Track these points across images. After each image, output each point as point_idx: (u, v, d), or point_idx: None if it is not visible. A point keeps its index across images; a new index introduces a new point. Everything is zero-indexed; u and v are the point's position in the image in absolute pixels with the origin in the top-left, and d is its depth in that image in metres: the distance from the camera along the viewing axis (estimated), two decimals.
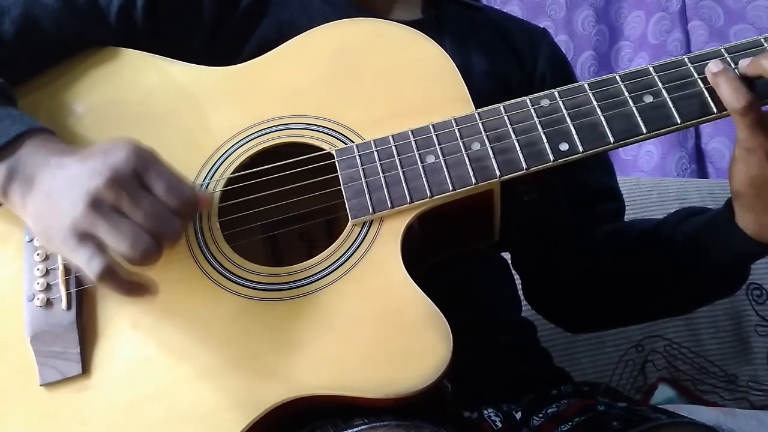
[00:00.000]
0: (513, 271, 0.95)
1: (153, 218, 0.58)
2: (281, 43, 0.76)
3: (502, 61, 0.89)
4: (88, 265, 0.58)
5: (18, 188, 0.63)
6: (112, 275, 0.58)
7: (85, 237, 0.58)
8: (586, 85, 0.68)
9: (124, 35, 0.77)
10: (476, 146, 0.67)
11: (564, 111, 0.67)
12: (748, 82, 0.64)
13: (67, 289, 0.66)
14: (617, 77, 0.68)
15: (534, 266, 0.93)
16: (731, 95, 0.64)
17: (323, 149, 0.70)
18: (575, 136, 0.66)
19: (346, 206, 0.66)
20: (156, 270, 0.62)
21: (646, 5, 1.84)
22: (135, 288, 0.60)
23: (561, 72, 0.92)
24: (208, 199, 0.65)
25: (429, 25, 0.87)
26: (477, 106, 0.69)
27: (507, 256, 0.95)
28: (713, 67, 0.66)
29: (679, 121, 0.66)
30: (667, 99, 0.66)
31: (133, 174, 0.59)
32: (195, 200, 0.61)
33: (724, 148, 1.73)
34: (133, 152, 0.60)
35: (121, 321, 0.66)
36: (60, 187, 0.60)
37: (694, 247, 0.75)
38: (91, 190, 0.58)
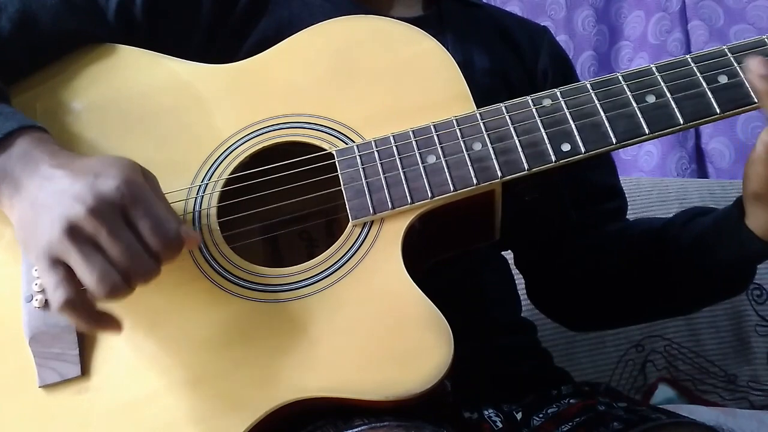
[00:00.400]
0: (514, 271, 0.95)
1: (128, 257, 0.57)
2: (280, 41, 0.75)
3: (504, 57, 0.88)
4: (53, 293, 0.57)
5: (6, 189, 0.62)
6: (73, 307, 0.57)
7: (56, 263, 0.57)
8: (588, 85, 0.68)
9: (122, 32, 0.77)
10: (477, 146, 0.67)
11: (566, 111, 0.67)
12: None
13: None
14: (620, 77, 0.68)
15: (536, 265, 0.93)
16: None
17: (323, 149, 0.69)
18: (577, 137, 0.66)
19: (347, 207, 0.66)
20: None
21: (646, 5, 1.84)
22: (96, 324, 0.59)
23: (562, 69, 0.92)
24: (195, 239, 0.62)
25: (430, 22, 0.86)
26: (478, 103, 0.69)
27: (507, 255, 0.95)
28: (760, 68, 0.63)
29: (681, 121, 0.65)
30: (670, 99, 0.66)
31: (118, 207, 0.57)
32: (179, 242, 0.59)
33: (724, 148, 1.73)
34: (125, 183, 0.58)
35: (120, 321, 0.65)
36: (43, 201, 0.59)
37: (700, 247, 0.75)
38: (71, 216, 0.56)
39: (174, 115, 0.73)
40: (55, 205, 0.58)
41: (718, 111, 0.65)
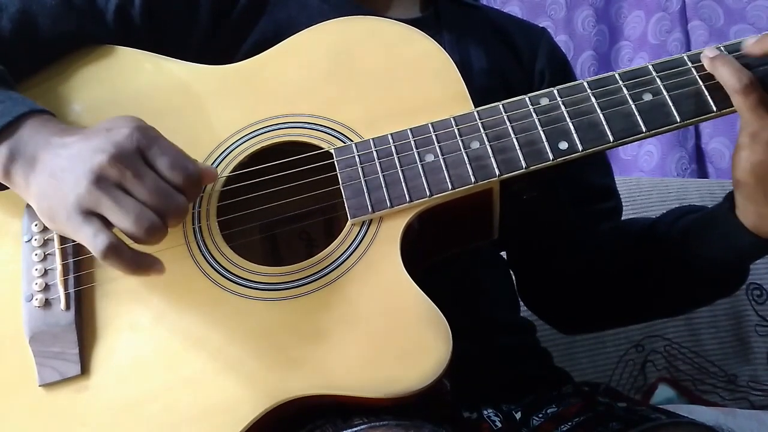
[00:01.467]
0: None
1: (157, 195, 0.58)
2: (279, 42, 0.76)
3: (501, 58, 0.89)
4: (93, 242, 0.58)
5: (20, 169, 0.63)
6: (116, 252, 0.58)
7: (90, 214, 0.58)
8: (585, 84, 0.68)
9: (121, 33, 0.77)
10: (475, 145, 0.67)
11: (563, 110, 0.67)
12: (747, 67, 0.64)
13: (66, 289, 0.66)
14: (616, 76, 0.68)
15: (531, 264, 0.93)
16: (732, 75, 0.63)
17: (322, 148, 0.69)
18: (575, 135, 0.66)
19: (345, 205, 0.66)
20: None
21: (646, 5, 1.84)
22: (140, 264, 0.60)
23: (560, 70, 0.92)
24: (213, 173, 0.65)
25: (427, 22, 0.87)
26: (476, 103, 0.69)
27: (505, 255, 0.95)
28: (709, 52, 0.66)
29: (678, 119, 0.66)
30: (667, 97, 0.66)
31: (136, 151, 0.59)
32: (199, 175, 0.61)
33: (724, 148, 1.73)
34: (137, 129, 0.60)
35: (120, 321, 0.66)
36: (63, 166, 0.60)
37: (691, 243, 0.74)
38: (94, 168, 0.58)
39: (173, 115, 0.73)
40: (76, 164, 0.59)
41: (714, 109, 0.65)
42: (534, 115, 0.67)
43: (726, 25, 1.75)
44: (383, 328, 0.62)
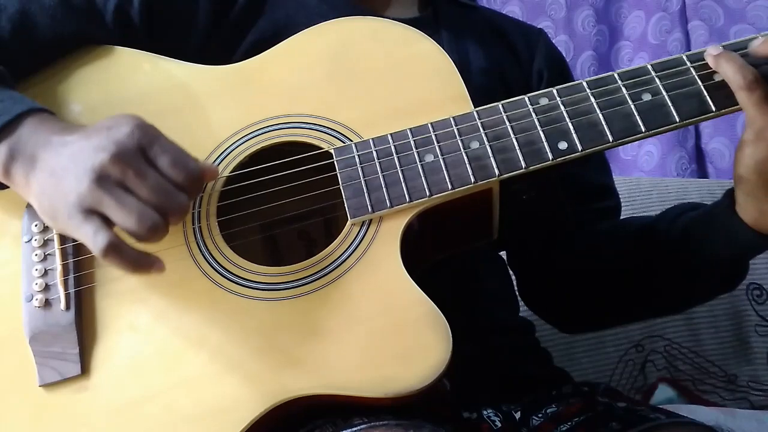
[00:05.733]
0: (510, 270, 0.95)
1: (159, 193, 0.58)
2: (277, 42, 0.76)
3: (500, 57, 0.89)
4: (93, 240, 0.58)
5: (21, 167, 0.63)
6: (116, 250, 0.58)
7: (91, 213, 0.58)
8: (584, 84, 0.68)
9: (120, 33, 0.77)
10: (475, 145, 0.67)
11: (563, 109, 0.67)
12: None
13: (66, 289, 0.66)
14: (616, 76, 0.68)
15: (531, 264, 0.93)
16: (736, 72, 0.63)
17: (322, 148, 0.69)
18: (574, 135, 0.66)
19: (345, 205, 0.66)
20: None
21: (646, 5, 1.85)
22: (141, 263, 0.60)
23: (558, 70, 0.92)
24: (214, 171, 0.65)
25: (426, 22, 0.87)
26: (475, 102, 0.69)
27: (505, 255, 0.95)
28: (713, 50, 0.66)
29: (677, 119, 0.66)
30: (666, 97, 0.66)
31: (137, 149, 0.59)
32: (200, 173, 0.61)
33: (724, 148, 1.73)
34: (138, 127, 0.60)
35: (120, 321, 0.66)
36: (64, 164, 0.60)
37: (690, 240, 0.74)
38: (96, 166, 0.58)
39: (172, 115, 0.73)
40: (78, 163, 0.59)
41: (713, 109, 0.65)
42: (533, 115, 0.67)
43: (726, 25, 1.75)
44: (383, 327, 0.62)
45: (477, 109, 0.69)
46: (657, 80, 0.67)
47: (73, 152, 0.60)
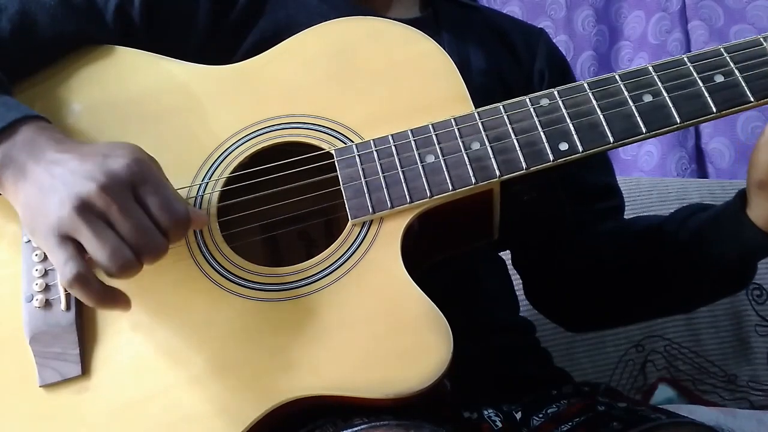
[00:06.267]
0: (511, 271, 0.95)
1: (138, 234, 0.57)
2: (278, 42, 0.76)
3: (500, 58, 0.89)
4: (63, 268, 0.57)
5: (11, 176, 0.62)
6: (83, 282, 0.57)
7: (66, 239, 0.57)
8: (585, 85, 0.68)
9: (121, 33, 0.77)
10: (476, 146, 0.67)
11: (563, 110, 0.67)
12: None
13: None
14: (617, 76, 0.68)
15: (534, 264, 0.93)
16: None
17: (322, 149, 0.69)
18: (575, 136, 0.66)
19: (346, 206, 0.66)
20: (156, 271, 0.62)
21: (646, 5, 1.84)
22: (105, 300, 0.59)
23: (559, 70, 0.92)
24: (203, 220, 0.65)
25: (427, 23, 0.87)
26: (475, 103, 0.69)
27: (505, 255, 0.95)
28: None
29: (678, 120, 0.66)
30: (667, 99, 0.66)
31: (128, 184, 0.58)
32: (187, 221, 0.60)
33: (724, 148, 1.73)
34: (134, 161, 0.59)
35: (120, 322, 0.66)
36: (52, 184, 0.59)
37: (700, 241, 0.74)
38: (82, 194, 0.57)
39: (173, 116, 0.73)
40: (65, 185, 0.58)
41: (714, 110, 0.65)
42: (534, 115, 0.67)
43: (726, 25, 1.75)
44: (384, 328, 0.62)
45: (478, 109, 0.69)
46: (658, 81, 0.67)
47: (64, 173, 0.59)
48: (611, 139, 0.66)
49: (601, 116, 0.66)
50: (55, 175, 0.60)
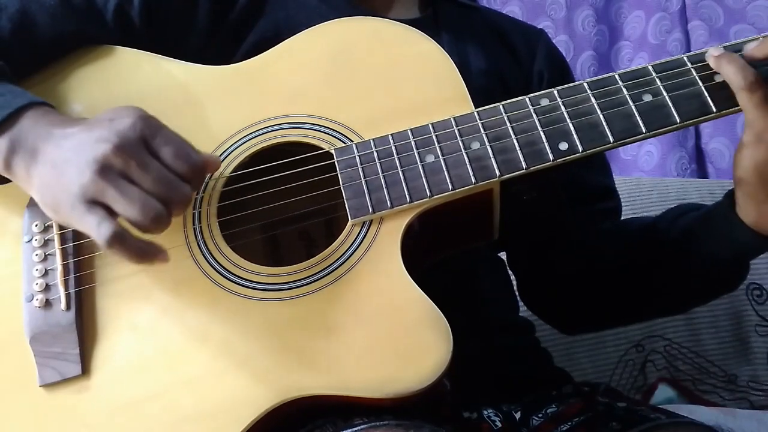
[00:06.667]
0: (509, 271, 0.95)
1: (162, 184, 0.58)
2: (278, 42, 0.76)
3: (500, 59, 0.89)
4: (98, 231, 0.58)
5: (22, 161, 0.63)
6: (121, 240, 0.58)
7: (94, 204, 0.58)
8: (585, 85, 0.68)
9: (121, 33, 0.77)
10: (476, 146, 0.67)
11: (563, 110, 0.67)
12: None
13: (66, 289, 0.66)
14: (616, 76, 0.68)
15: (531, 264, 0.93)
16: (736, 73, 0.63)
17: (322, 148, 0.69)
18: (575, 136, 0.66)
19: (346, 206, 0.66)
20: (155, 270, 0.62)
21: (646, 5, 1.84)
22: (145, 252, 0.60)
23: (559, 70, 0.92)
24: (216, 162, 0.65)
25: (427, 23, 0.87)
26: (475, 104, 0.69)
27: (504, 255, 0.95)
28: (714, 51, 0.66)
29: (678, 120, 0.66)
30: (667, 98, 0.66)
31: (140, 140, 0.59)
32: (203, 164, 0.62)
33: (724, 148, 1.73)
34: (140, 118, 0.60)
35: (120, 321, 0.66)
36: (66, 156, 0.60)
37: (691, 240, 0.75)
38: (98, 157, 0.58)
39: (173, 116, 0.72)
40: (80, 154, 0.59)
41: (714, 110, 0.65)
42: (534, 115, 0.67)
43: (726, 25, 1.75)
44: (384, 328, 0.62)
45: (478, 109, 0.69)
46: (658, 81, 0.67)
47: (75, 144, 0.60)
48: (611, 139, 0.66)
49: (601, 116, 0.66)
50: (67, 148, 0.60)
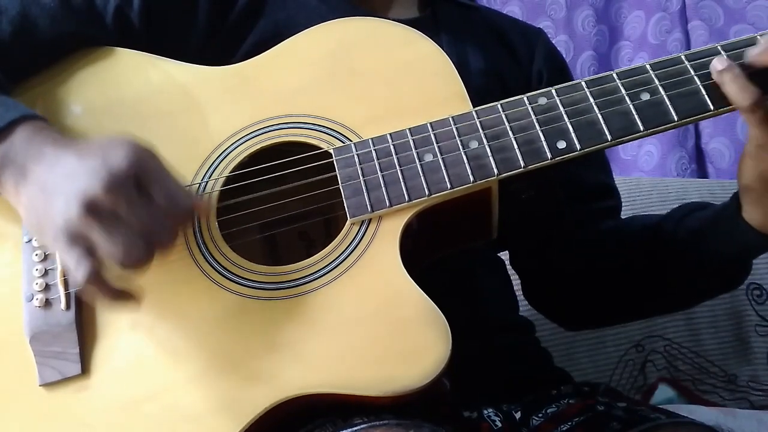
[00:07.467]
0: (510, 271, 0.95)
1: (149, 226, 0.57)
2: (278, 43, 0.76)
3: (499, 59, 0.89)
4: (77, 267, 0.57)
5: (11, 176, 0.62)
6: (98, 280, 0.57)
7: (77, 239, 0.57)
8: (583, 83, 0.68)
9: (120, 35, 0.77)
10: (474, 144, 0.67)
11: (561, 109, 0.67)
12: (755, 74, 0.64)
13: (66, 289, 0.66)
14: (614, 75, 0.68)
15: (533, 263, 0.93)
16: (738, 93, 0.64)
17: (321, 148, 0.70)
18: (573, 134, 0.66)
19: (345, 205, 0.67)
20: (155, 270, 0.62)
21: (646, 5, 1.85)
22: (120, 295, 0.59)
23: (558, 70, 0.92)
24: (206, 206, 0.65)
25: (426, 23, 0.87)
26: (474, 104, 0.70)
27: (503, 255, 0.95)
28: (718, 64, 0.65)
29: (676, 118, 0.66)
30: (664, 96, 0.66)
31: (131, 177, 0.58)
32: (192, 208, 0.61)
33: (724, 148, 1.73)
34: (133, 153, 0.59)
35: (120, 321, 0.66)
36: (55, 183, 0.59)
37: (698, 240, 0.75)
38: (88, 193, 0.57)
39: (172, 116, 0.73)
40: (69, 184, 0.58)
41: (711, 108, 0.66)
42: (532, 114, 0.67)
43: (726, 25, 1.75)
44: (382, 326, 0.62)
45: (476, 108, 0.69)
46: (655, 79, 0.67)
47: (66, 172, 0.59)
48: (609, 137, 0.66)
49: (599, 114, 0.66)
50: (57, 174, 0.59)
